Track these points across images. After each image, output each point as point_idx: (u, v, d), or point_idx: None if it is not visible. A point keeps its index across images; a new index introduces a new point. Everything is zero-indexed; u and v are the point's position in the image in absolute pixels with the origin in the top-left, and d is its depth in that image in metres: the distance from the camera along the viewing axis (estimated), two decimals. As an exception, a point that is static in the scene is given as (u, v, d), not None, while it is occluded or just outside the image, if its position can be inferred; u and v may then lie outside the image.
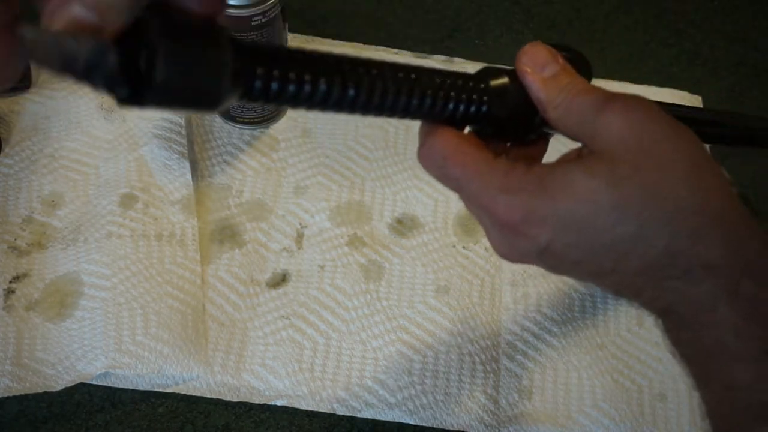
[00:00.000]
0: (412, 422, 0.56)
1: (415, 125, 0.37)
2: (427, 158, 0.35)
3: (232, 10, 0.58)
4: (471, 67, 0.74)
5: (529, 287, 0.62)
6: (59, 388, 0.55)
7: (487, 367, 0.58)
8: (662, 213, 0.31)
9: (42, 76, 0.69)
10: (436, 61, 0.75)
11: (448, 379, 0.57)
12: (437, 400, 0.56)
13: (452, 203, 0.66)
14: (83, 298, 0.58)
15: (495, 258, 0.63)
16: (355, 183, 0.66)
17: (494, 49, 0.77)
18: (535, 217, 0.33)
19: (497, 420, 0.56)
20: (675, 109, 0.39)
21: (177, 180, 0.64)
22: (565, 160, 0.36)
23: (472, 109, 0.35)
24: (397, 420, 0.56)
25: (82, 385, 0.55)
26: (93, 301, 0.58)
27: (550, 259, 0.34)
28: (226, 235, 0.63)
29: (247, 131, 0.69)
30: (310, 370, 0.57)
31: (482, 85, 0.36)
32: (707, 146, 0.37)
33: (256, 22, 0.59)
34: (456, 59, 0.75)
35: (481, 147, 0.35)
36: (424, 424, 0.56)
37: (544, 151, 0.40)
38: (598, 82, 0.74)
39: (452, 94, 0.35)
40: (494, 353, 0.59)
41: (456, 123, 0.36)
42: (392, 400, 0.56)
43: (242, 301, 0.60)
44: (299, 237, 0.63)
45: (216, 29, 0.29)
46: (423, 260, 0.63)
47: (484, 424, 0.56)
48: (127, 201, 0.63)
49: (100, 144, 0.66)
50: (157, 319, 0.57)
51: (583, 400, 0.58)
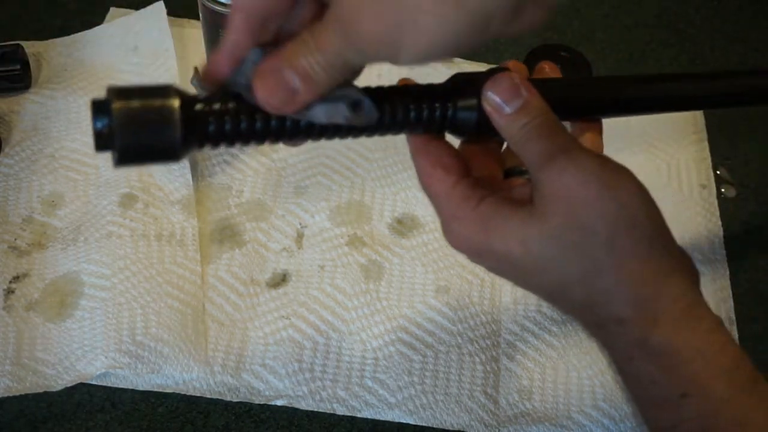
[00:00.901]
0: (412, 422, 0.56)
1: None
2: (414, 162, 0.40)
3: (228, 10, 0.58)
4: (470, 68, 0.74)
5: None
6: (59, 388, 0.55)
7: (487, 367, 0.58)
8: (580, 272, 0.35)
9: (42, 76, 0.69)
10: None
11: (448, 379, 0.57)
12: (437, 400, 0.56)
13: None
14: (83, 298, 0.58)
15: None
16: (355, 183, 0.66)
17: (494, 49, 0.77)
18: (477, 251, 0.38)
19: (497, 420, 0.56)
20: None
21: (177, 180, 0.64)
22: (514, 199, 0.38)
23: (442, 122, 0.38)
24: (397, 420, 0.56)
25: (82, 385, 0.55)
26: (93, 301, 0.58)
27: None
28: (226, 235, 0.63)
29: (247, 131, 0.69)
30: (310, 370, 0.57)
31: (449, 104, 0.38)
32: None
33: None
34: (456, 59, 0.75)
35: (450, 170, 0.38)
36: (424, 424, 0.56)
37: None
38: (598, 82, 0.74)
39: (422, 115, 0.38)
40: (494, 353, 0.59)
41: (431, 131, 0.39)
42: (392, 400, 0.56)
43: (242, 301, 0.60)
44: (299, 237, 0.63)
45: (162, 91, 0.33)
46: (423, 260, 0.63)
47: (484, 424, 0.56)
48: (127, 201, 0.63)
49: (100, 144, 0.66)
50: (157, 319, 0.57)
51: (583, 400, 0.57)
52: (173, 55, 0.69)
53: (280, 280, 0.61)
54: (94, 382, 0.56)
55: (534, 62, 0.69)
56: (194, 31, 0.73)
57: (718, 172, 0.71)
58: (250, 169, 0.67)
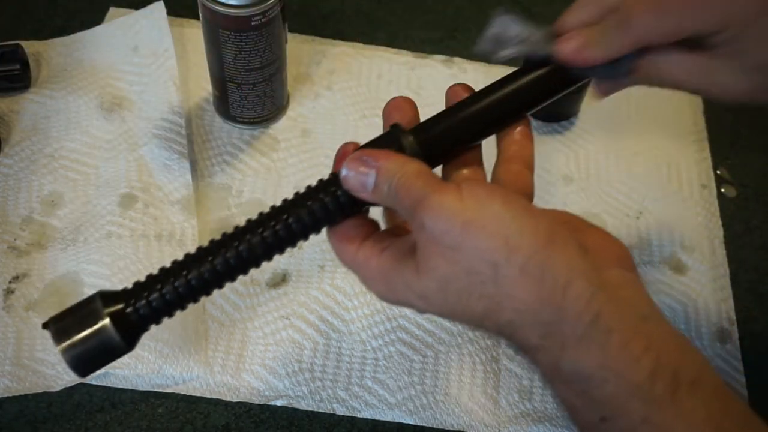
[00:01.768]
0: (412, 422, 0.56)
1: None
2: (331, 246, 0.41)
3: (231, 10, 0.58)
4: (471, 67, 0.74)
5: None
6: (59, 388, 0.55)
7: (487, 368, 0.58)
8: (482, 311, 0.35)
9: (42, 75, 0.69)
10: (436, 61, 0.75)
11: (448, 379, 0.57)
12: (437, 401, 0.56)
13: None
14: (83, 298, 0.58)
15: None
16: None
17: (494, 49, 0.77)
18: (394, 303, 0.39)
19: (497, 420, 0.56)
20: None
21: (177, 180, 0.64)
22: (410, 247, 0.38)
23: (345, 208, 0.39)
24: (396, 420, 0.56)
25: (82, 385, 0.55)
26: (93, 302, 0.58)
27: None
28: None
29: (246, 131, 0.69)
30: (310, 370, 0.57)
31: (339, 192, 0.39)
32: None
33: (256, 22, 0.59)
34: (456, 59, 0.75)
35: (351, 239, 0.39)
36: (424, 424, 0.56)
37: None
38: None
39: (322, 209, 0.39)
40: (494, 353, 0.58)
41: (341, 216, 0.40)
42: (392, 400, 0.56)
43: (242, 301, 0.60)
44: (299, 237, 0.63)
45: (88, 303, 0.39)
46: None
47: (484, 424, 0.56)
48: (127, 201, 0.63)
49: (99, 144, 0.66)
50: None
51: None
52: (173, 55, 0.69)
53: (280, 280, 0.61)
54: (93, 382, 0.56)
55: (533, 65, 0.69)
56: (194, 31, 0.73)
57: (718, 172, 0.71)
58: (250, 169, 0.67)
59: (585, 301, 0.33)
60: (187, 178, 0.64)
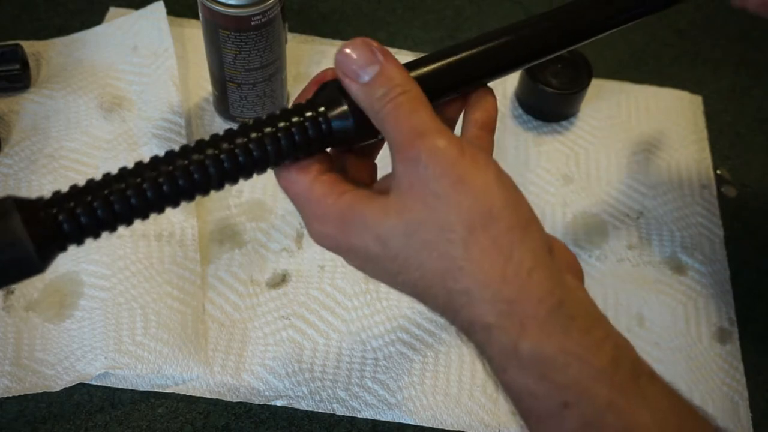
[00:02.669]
0: (412, 422, 0.56)
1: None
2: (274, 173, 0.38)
3: (231, 10, 0.58)
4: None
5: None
6: (59, 388, 0.55)
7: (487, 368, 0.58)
8: (439, 271, 0.33)
9: (41, 75, 0.69)
10: None
11: (448, 380, 0.57)
12: (437, 401, 0.56)
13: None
14: (83, 298, 0.58)
15: None
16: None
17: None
18: (338, 248, 0.36)
19: (497, 420, 0.56)
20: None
21: (177, 180, 0.64)
22: (375, 191, 0.36)
23: (318, 140, 0.35)
24: (397, 420, 0.56)
25: (82, 385, 0.55)
26: (92, 302, 0.58)
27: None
28: (226, 235, 0.63)
29: (247, 131, 0.69)
30: (310, 371, 0.57)
31: (320, 116, 0.35)
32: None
33: (256, 22, 0.59)
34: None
35: (307, 169, 0.36)
36: (424, 425, 0.56)
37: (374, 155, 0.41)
38: (598, 82, 0.74)
39: (293, 138, 0.35)
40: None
41: (311, 151, 0.36)
42: (392, 400, 0.56)
43: (242, 301, 0.60)
44: (299, 237, 0.63)
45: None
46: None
47: (484, 424, 0.56)
48: None
49: (99, 144, 0.66)
50: (156, 320, 0.57)
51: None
52: (173, 55, 0.69)
53: (280, 280, 0.61)
54: (93, 383, 0.56)
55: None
56: (194, 31, 0.73)
57: (718, 172, 0.71)
58: None
59: (548, 288, 0.33)
60: (187, 178, 0.64)
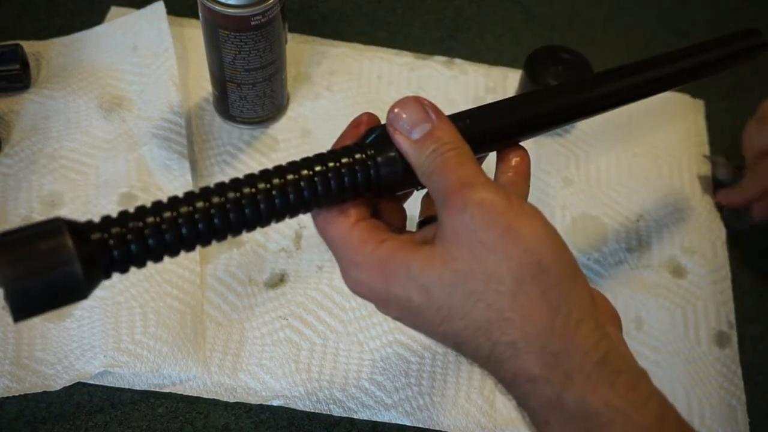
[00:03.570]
0: (409, 423, 0.56)
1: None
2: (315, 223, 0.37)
3: (230, 10, 0.58)
4: (471, 68, 0.74)
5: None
6: (58, 387, 0.55)
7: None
8: (484, 323, 0.33)
9: (41, 75, 0.69)
10: (436, 62, 0.75)
11: (445, 381, 0.57)
12: (434, 402, 0.56)
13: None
14: (82, 298, 0.58)
15: None
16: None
17: (494, 49, 0.77)
18: (378, 299, 0.35)
19: (493, 422, 0.56)
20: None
21: (177, 180, 0.64)
22: (416, 241, 0.36)
23: (364, 183, 0.36)
24: (393, 421, 0.56)
25: (82, 385, 0.56)
26: (92, 300, 0.58)
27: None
28: None
29: (246, 131, 0.69)
30: (307, 371, 0.57)
31: (369, 160, 0.36)
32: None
33: (256, 22, 0.59)
34: (457, 60, 0.75)
35: (346, 213, 0.36)
36: (420, 426, 0.56)
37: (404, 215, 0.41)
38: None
39: (342, 179, 0.35)
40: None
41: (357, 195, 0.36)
42: (389, 401, 0.56)
43: (240, 301, 0.60)
44: (297, 237, 0.63)
45: (49, 228, 0.29)
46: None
47: (481, 426, 0.56)
48: (127, 200, 0.63)
49: (99, 144, 0.66)
50: (155, 319, 0.57)
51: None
52: (173, 55, 0.69)
53: (278, 280, 0.61)
54: (92, 382, 0.56)
55: (535, 65, 0.69)
56: (194, 31, 0.73)
57: (714, 158, 0.71)
58: (248, 169, 0.67)
59: (594, 341, 0.33)
60: (187, 178, 0.64)
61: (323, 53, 0.74)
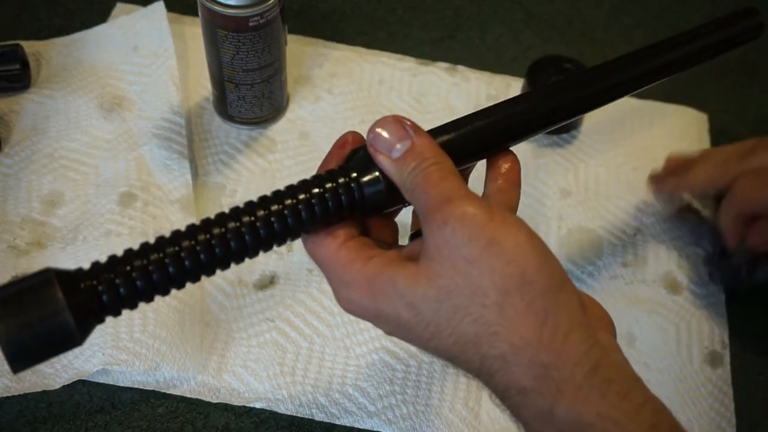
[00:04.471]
0: (389, 432, 0.56)
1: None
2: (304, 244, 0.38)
3: (229, 11, 0.58)
4: (473, 75, 0.73)
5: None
6: (58, 386, 0.55)
7: (471, 381, 0.57)
8: (472, 337, 0.33)
9: (41, 75, 0.69)
10: (439, 68, 0.75)
11: (429, 390, 0.57)
12: (417, 411, 0.56)
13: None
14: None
15: None
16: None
17: (494, 49, 0.77)
18: (368, 316, 0.36)
19: (477, 433, 0.56)
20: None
21: (176, 179, 0.64)
22: (403, 257, 0.36)
23: (349, 205, 0.36)
24: (375, 429, 0.56)
25: (82, 384, 0.56)
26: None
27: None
28: None
29: (245, 131, 0.69)
30: (292, 374, 0.57)
31: (353, 183, 0.36)
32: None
33: (254, 23, 0.59)
34: (459, 67, 0.75)
35: (334, 234, 0.36)
36: None
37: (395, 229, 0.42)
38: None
39: (326, 204, 0.36)
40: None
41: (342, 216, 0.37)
42: (372, 408, 0.56)
43: (228, 302, 0.60)
44: (290, 240, 0.64)
45: (39, 280, 0.31)
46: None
47: (464, 436, 0.55)
48: (127, 200, 0.63)
49: (99, 144, 0.67)
50: (154, 317, 0.57)
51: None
52: (173, 55, 0.70)
53: (268, 282, 0.62)
54: (92, 379, 0.56)
55: (537, 73, 0.69)
56: (194, 29, 0.72)
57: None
58: (245, 170, 0.67)
59: (584, 351, 0.33)
60: (187, 178, 0.64)
61: (325, 56, 0.74)
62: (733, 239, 0.60)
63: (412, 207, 0.39)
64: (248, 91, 0.65)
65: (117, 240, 0.61)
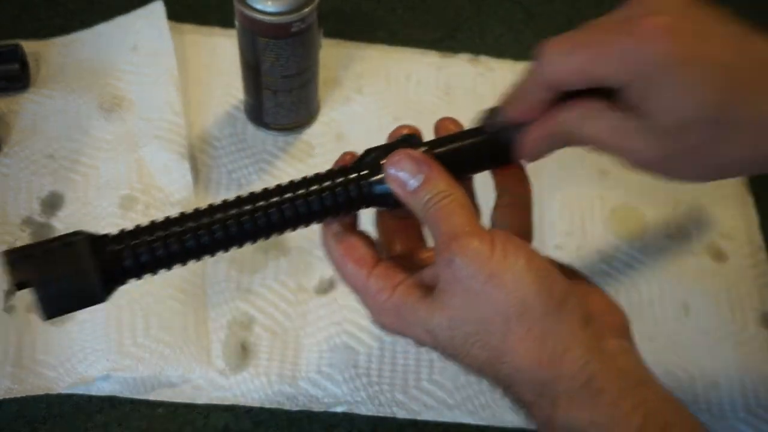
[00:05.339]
0: (472, 422, 0.56)
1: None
2: (328, 255, 0.43)
3: (271, 18, 0.58)
4: (497, 65, 0.73)
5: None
6: (60, 390, 0.54)
7: None
8: (484, 360, 0.37)
9: (41, 75, 0.69)
10: (462, 60, 0.75)
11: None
12: (496, 399, 0.56)
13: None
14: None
15: None
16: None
17: (494, 49, 0.77)
18: (403, 336, 0.40)
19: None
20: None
21: (177, 181, 0.64)
22: (424, 283, 0.40)
23: (360, 199, 0.40)
24: (457, 420, 0.56)
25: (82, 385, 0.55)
26: (93, 304, 0.57)
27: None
28: (270, 243, 0.62)
29: (280, 138, 0.68)
30: (367, 375, 0.57)
31: (362, 179, 0.39)
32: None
33: (296, 29, 0.59)
34: (482, 57, 0.75)
35: (361, 263, 0.41)
36: (484, 424, 0.56)
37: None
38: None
39: (337, 199, 0.39)
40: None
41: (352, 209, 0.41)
42: (451, 401, 0.57)
43: (292, 309, 0.60)
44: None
45: (71, 239, 0.35)
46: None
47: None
48: (128, 202, 0.62)
49: (99, 144, 0.66)
50: (158, 321, 0.57)
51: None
52: (173, 55, 0.69)
53: (328, 285, 0.61)
54: (94, 393, 0.55)
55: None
56: (195, 37, 0.73)
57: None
58: (287, 176, 0.62)
59: (580, 366, 0.36)
60: (188, 179, 0.64)
61: (350, 56, 0.74)
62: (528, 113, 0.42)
63: None
64: (286, 97, 0.65)
65: (119, 242, 0.60)
